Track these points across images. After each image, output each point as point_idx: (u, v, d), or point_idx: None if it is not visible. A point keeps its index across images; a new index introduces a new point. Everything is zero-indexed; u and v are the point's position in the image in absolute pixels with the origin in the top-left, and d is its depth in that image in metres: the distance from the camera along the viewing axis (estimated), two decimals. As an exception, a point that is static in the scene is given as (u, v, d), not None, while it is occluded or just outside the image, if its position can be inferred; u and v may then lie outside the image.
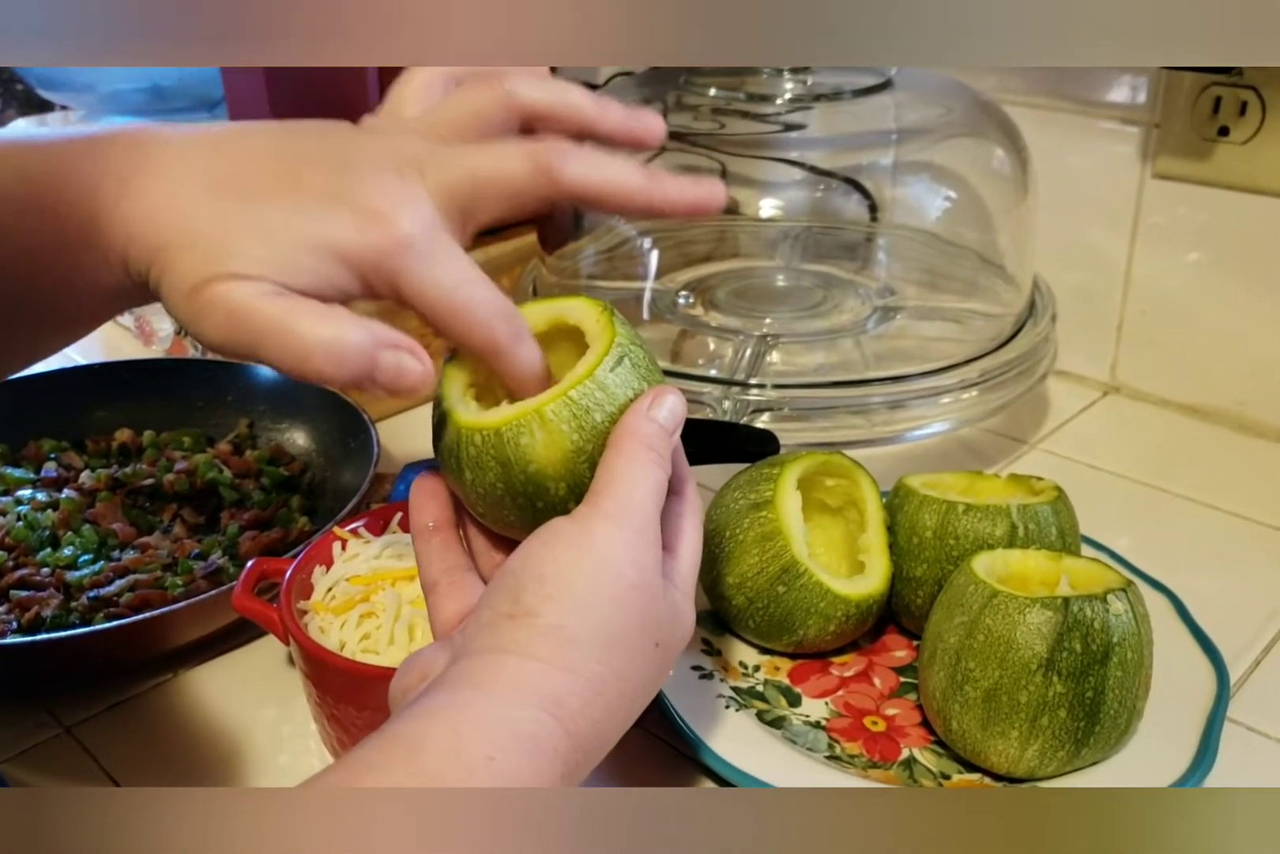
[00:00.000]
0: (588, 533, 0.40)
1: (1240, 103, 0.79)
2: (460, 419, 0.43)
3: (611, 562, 0.39)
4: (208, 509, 0.75)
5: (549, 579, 0.39)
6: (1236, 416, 0.87)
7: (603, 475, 0.41)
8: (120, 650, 0.62)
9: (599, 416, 0.42)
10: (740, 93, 0.83)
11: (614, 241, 0.90)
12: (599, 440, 0.42)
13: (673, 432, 0.43)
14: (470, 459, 0.43)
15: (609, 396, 0.42)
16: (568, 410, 0.41)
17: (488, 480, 0.43)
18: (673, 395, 0.43)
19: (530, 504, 0.43)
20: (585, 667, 0.38)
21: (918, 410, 0.75)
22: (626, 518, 0.40)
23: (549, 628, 0.38)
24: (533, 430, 0.41)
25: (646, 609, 0.40)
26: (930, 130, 0.88)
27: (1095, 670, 0.51)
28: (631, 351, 0.43)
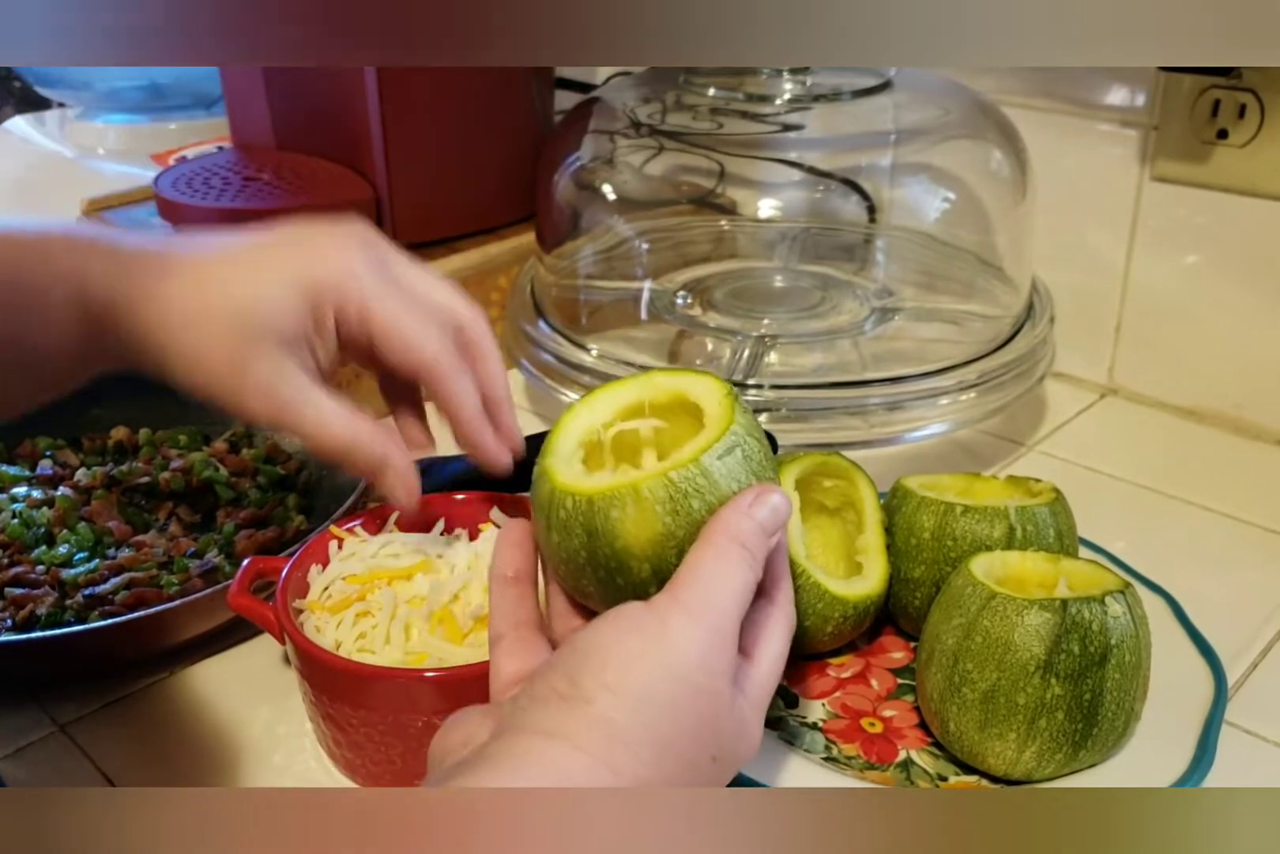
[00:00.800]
0: (662, 624, 0.38)
1: (1239, 105, 0.79)
2: (557, 479, 0.42)
3: (680, 659, 0.37)
4: (203, 507, 0.75)
5: (611, 665, 0.37)
6: (1234, 419, 0.87)
7: (688, 567, 0.39)
8: (115, 649, 0.62)
9: (696, 503, 0.41)
10: (739, 93, 0.83)
11: (612, 241, 0.90)
12: (692, 528, 0.40)
13: (772, 533, 0.41)
14: (559, 522, 0.42)
15: (711, 485, 0.41)
16: (665, 491, 0.40)
17: (573, 546, 0.42)
18: (777, 495, 0.41)
19: (611, 579, 0.42)
20: (631, 769, 0.36)
21: (915, 412, 0.75)
22: (704, 615, 0.38)
23: (600, 720, 0.36)
24: (625, 505, 0.40)
25: (709, 717, 0.38)
26: (929, 131, 0.88)
27: (1093, 672, 0.51)
28: (746, 443, 0.42)
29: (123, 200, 1.04)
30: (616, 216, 0.90)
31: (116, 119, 1.25)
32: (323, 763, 0.58)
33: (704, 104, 0.85)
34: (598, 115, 0.89)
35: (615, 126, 0.89)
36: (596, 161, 0.89)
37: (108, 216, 1.02)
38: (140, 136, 1.21)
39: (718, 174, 0.92)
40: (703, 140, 0.89)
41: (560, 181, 0.88)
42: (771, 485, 0.42)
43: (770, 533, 0.41)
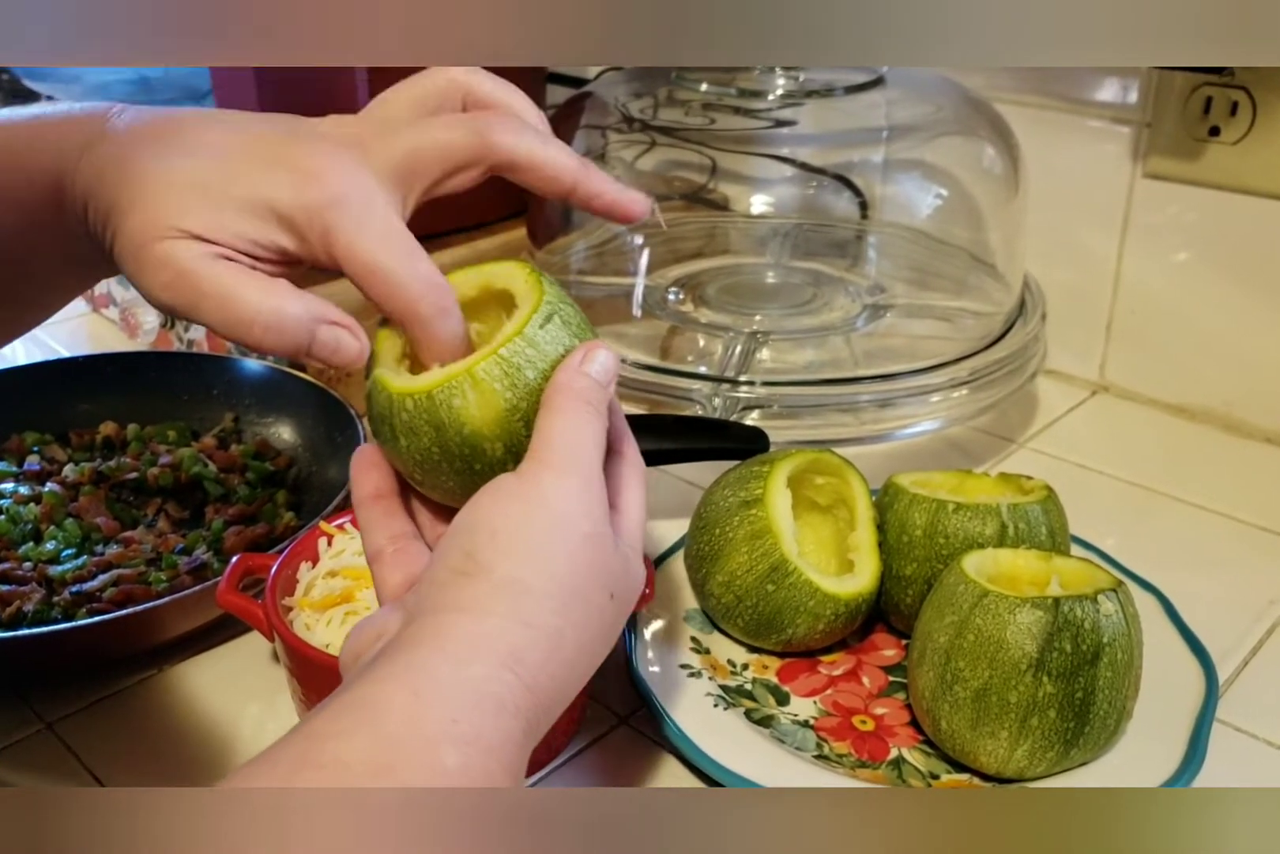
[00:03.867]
0: (536, 485, 0.39)
1: (1231, 103, 0.79)
2: (391, 385, 0.42)
3: (563, 512, 0.39)
4: (192, 504, 0.75)
5: (500, 533, 0.39)
6: (1224, 417, 0.87)
7: (541, 432, 0.41)
8: (103, 646, 0.62)
9: (531, 373, 0.42)
10: (731, 88, 0.83)
11: (604, 237, 0.89)
12: (533, 398, 0.42)
13: (606, 385, 0.42)
14: (404, 425, 0.42)
15: (540, 354, 0.42)
16: (499, 368, 0.41)
17: (423, 445, 0.42)
18: (603, 350, 0.43)
19: (468, 467, 0.42)
20: (543, 619, 0.38)
21: (907, 409, 0.75)
22: (573, 468, 0.40)
23: (504, 582, 0.38)
24: (464, 391, 0.41)
25: (600, 559, 0.40)
26: (921, 128, 0.88)
27: (1085, 671, 0.51)
28: (561, 309, 0.43)
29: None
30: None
31: (104, 111, 1.24)
32: (312, 761, 0.57)
33: (696, 99, 0.85)
34: (590, 110, 0.89)
35: (607, 121, 0.89)
36: (588, 156, 0.88)
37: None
38: (129, 130, 1.21)
39: (710, 170, 0.92)
40: (695, 136, 0.88)
41: (552, 177, 0.87)
42: (595, 342, 0.43)
43: (605, 384, 0.42)
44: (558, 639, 0.38)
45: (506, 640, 0.37)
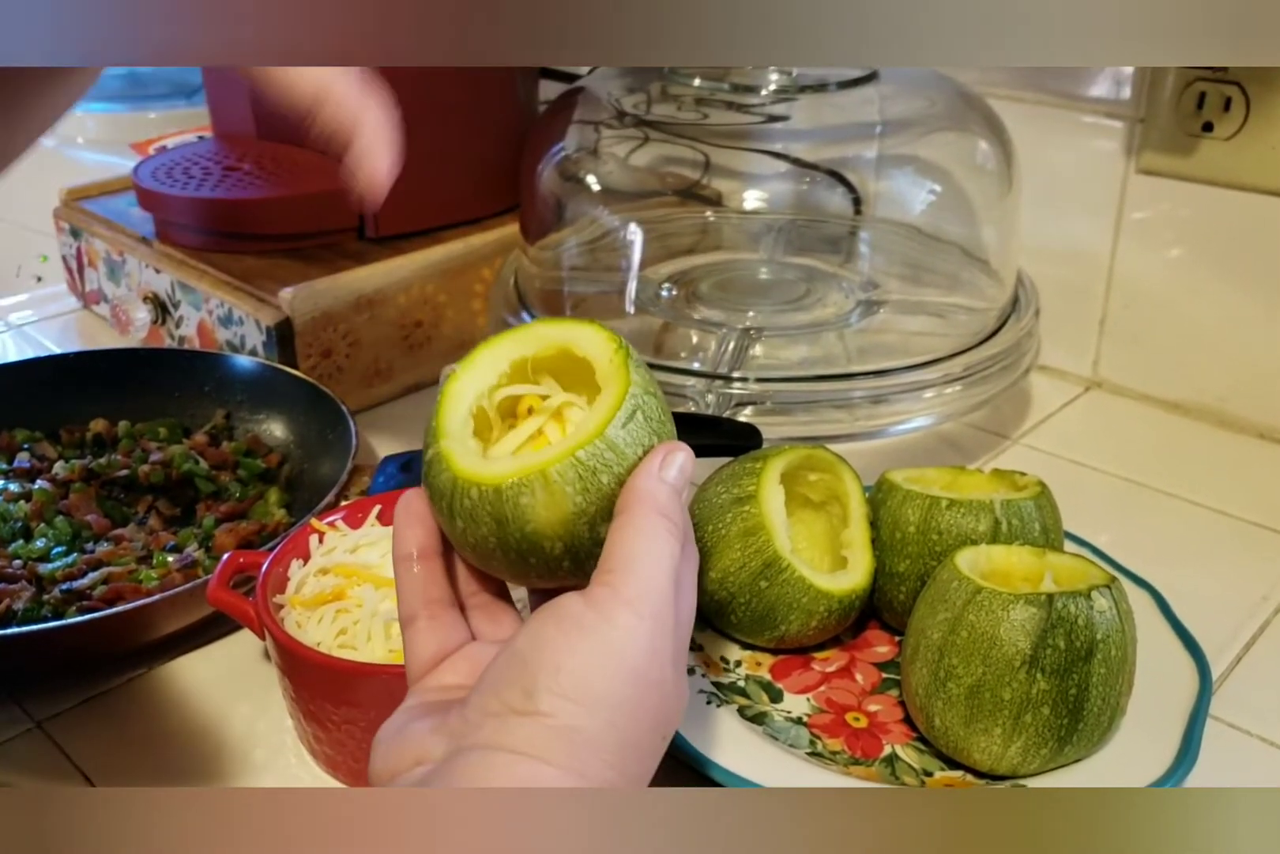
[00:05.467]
0: (608, 622, 0.37)
1: (1225, 98, 0.78)
2: (457, 466, 0.40)
3: (632, 658, 0.37)
4: (183, 501, 0.75)
5: (564, 672, 0.37)
6: (1217, 413, 0.87)
7: (617, 548, 0.38)
8: (93, 644, 0.61)
9: (605, 478, 0.39)
10: (724, 83, 0.83)
11: (597, 233, 0.89)
12: (603, 502, 0.39)
13: (682, 491, 0.40)
14: (464, 510, 0.41)
15: (619, 457, 0.39)
16: (574, 472, 0.39)
17: (480, 534, 0.41)
18: (683, 453, 0.40)
19: (522, 560, 0.41)
20: (599, 773, 0.36)
21: (900, 405, 0.75)
22: (646, 605, 0.38)
23: (564, 730, 0.36)
24: (534, 491, 0.39)
25: (661, 706, 0.38)
26: (915, 123, 0.88)
27: (1079, 667, 0.51)
28: (645, 403, 0.40)
29: (102, 190, 1.03)
30: (601, 208, 0.90)
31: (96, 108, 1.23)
32: (303, 760, 0.57)
33: (689, 94, 0.85)
34: (582, 105, 0.89)
35: (600, 117, 0.89)
36: (581, 152, 0.88)
37: (87, 206, 1.01)
38: (120, 126, 1.21)
39: (703, 165, 0.92)
40: (688, 131, 0.88)
41: (544, 172, 0.87)
42: (674, 444, 0.41)
43: (681, 491, 0.40)
44: None
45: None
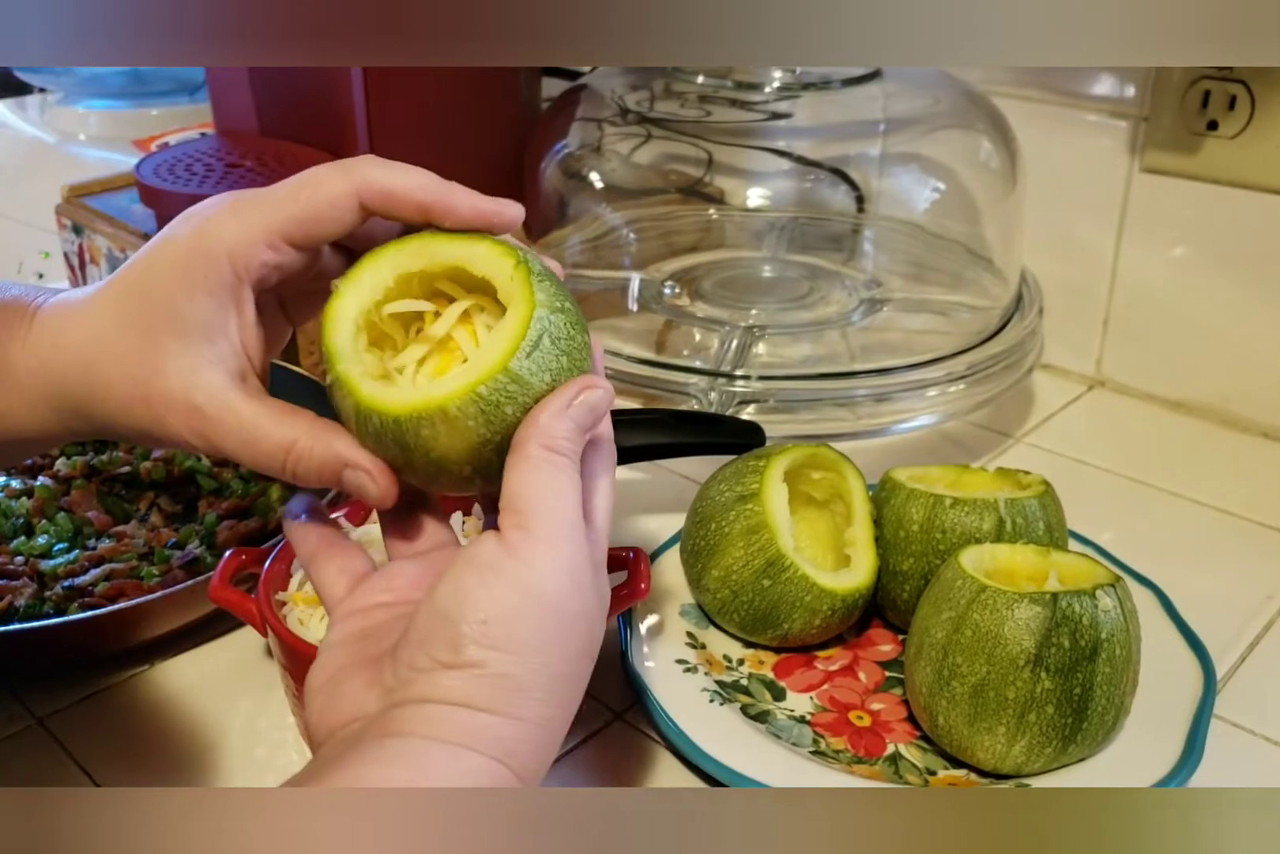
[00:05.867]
0: (526, 565, 0.37)
1: (1229, 97, 0.78)
2: (358, 393, 0.39)
3: (554, 597, 0.37)
4: (185, 498, 0.74)
5: (490, 625, 0.37)
6: (1221, 412, 0.87)
7: (519, 488, 0.38)
8: (95, 641, 0.61)
9: (510, 409, 0.38)
10: (728, 80, 0.83)
11: (600, 231, 0.89)
12: (509, 431, 0.39)
13: (588, 428, 0.40)
14: (369, 434, 0.40)
15: (523, 388, 0.38)
16: (475, 407, 0.38)
17: (388, 455, 0.40)
18: (598, 390, 0.39)
19: (433, 478, 0.41)
20: (534, 711, 0.37)
21: (903, 403, 0.74)
22: (562, 538, 0.38)
23: (495, 678, 0.37)
24: (435, 424, 0.38)
25: (586, 631, 0.39)
26: (918, 121, 0.88)
27: (1083, 666, 0.51)
28: (551, 324, 0.38)
29: (104, 187, 1.03)
30: (604, 205, 0.90)
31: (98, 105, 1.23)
32: (305, 756, 0.57)
33: (692, 91, 0.85)
34: (585, 102, 0.89)
35: (603, 114, 0.89)
36: (584, 149, 0.88)
37: (89, 202, 1.01)
38: (122, 122, 1.20)
39: (706, 162, 0.92)
40: (691, 128, 0.88)
41: (547, 169, 0.87)
42: (588, 379, 0.39)
43: (586, 429, 0.40)
44: (546, 726, 0.38)
45: (499, 735, 0.37)
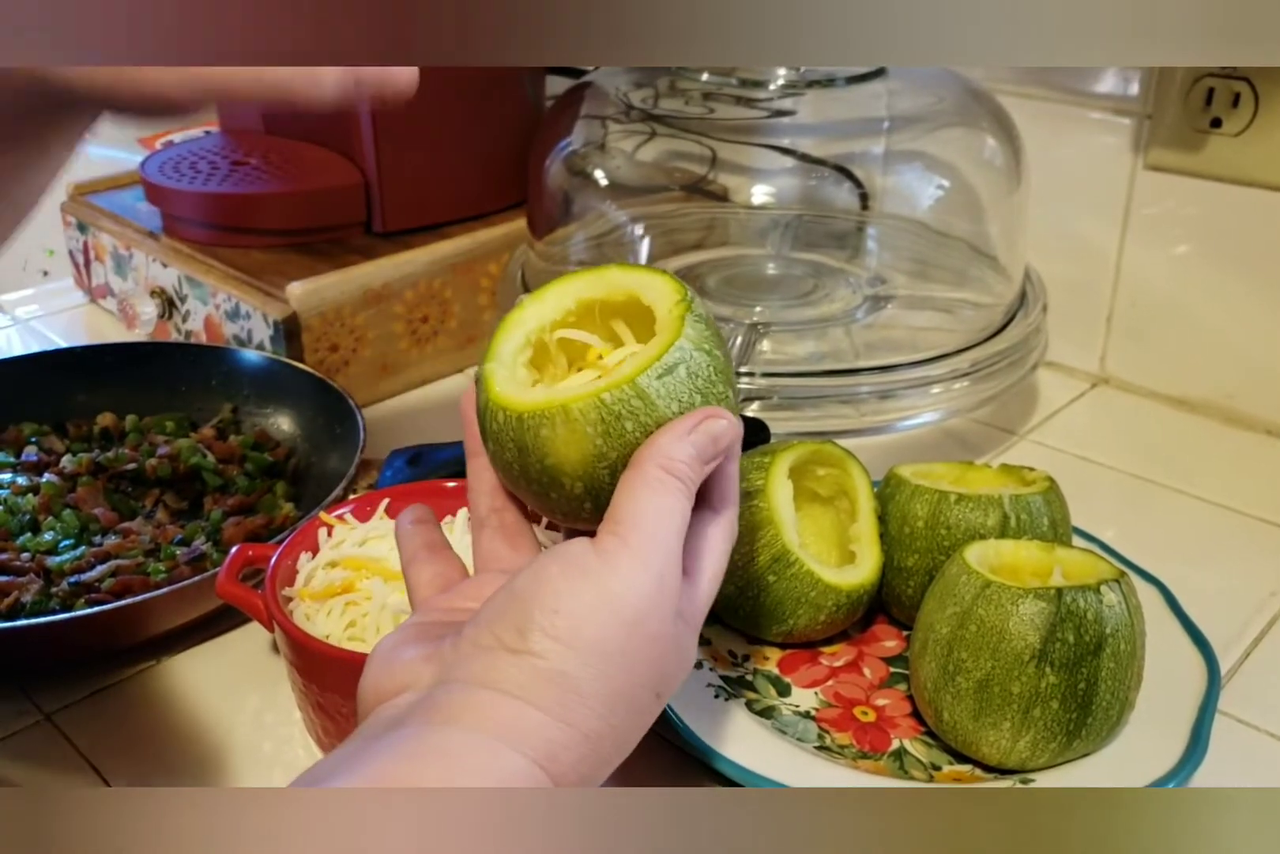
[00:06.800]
0: (611, 569, 0.37)
1: (1233, 94, 0.78)
2: (492, 389, 0.41)
3: (632, 608, 0.37)
4: (190, 494, 0.75)
5: (560, 616, 0.36)
6: (1224, 409, 0.87)
7: (627, 501, 0.38)
8: (102, 637, 0.61)
9: (630, 425, 0.38)
10: (732, 78, 0.83)
11: (604, 228, 0.89)
12: (626, 450, 0.39)
13: (709, 460, 0.39)
14: (492, 433, 0.41)
15: (647, 406, 0.39)
16: (596, 413, 0.38)
17: (505, 458, 0.41)
18: (723, 421, 0.39)
19: (545, 493, 0.41)
20: (585, 722, 0.36)
21: (908, 400, 0.74)
22: (654, 558, 0.37)
23: (552, 674, 0.36)
24: (554, 424, 0.39)
25: (657, 661, 0.38)
26: (923, 119, 0.88)
27: (1088, 662, 0.51)
28: (692, 359, 0.39)
29: (109, 185, 1.03)
30: (608, 202, 0.90)
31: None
32: (311, 752, 0.57)
33: (696, 89, 0.85)
34: (589, 100, 0.89)
35: (607, 111, 0.89)
36: (588, 147, 0.88)
37: (94, 200, 1.01)
38: (126, 120, 1.20)
39: (710, 160, 0.92)
40: (695, 125, 0.88)
41: (551, 167, 0.87)
42: (715, 410, 0.40)
43: (707, 460, 0.39)
44: (595, 742, 0.36)
45: (544, 737, 0.35)
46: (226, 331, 0.87)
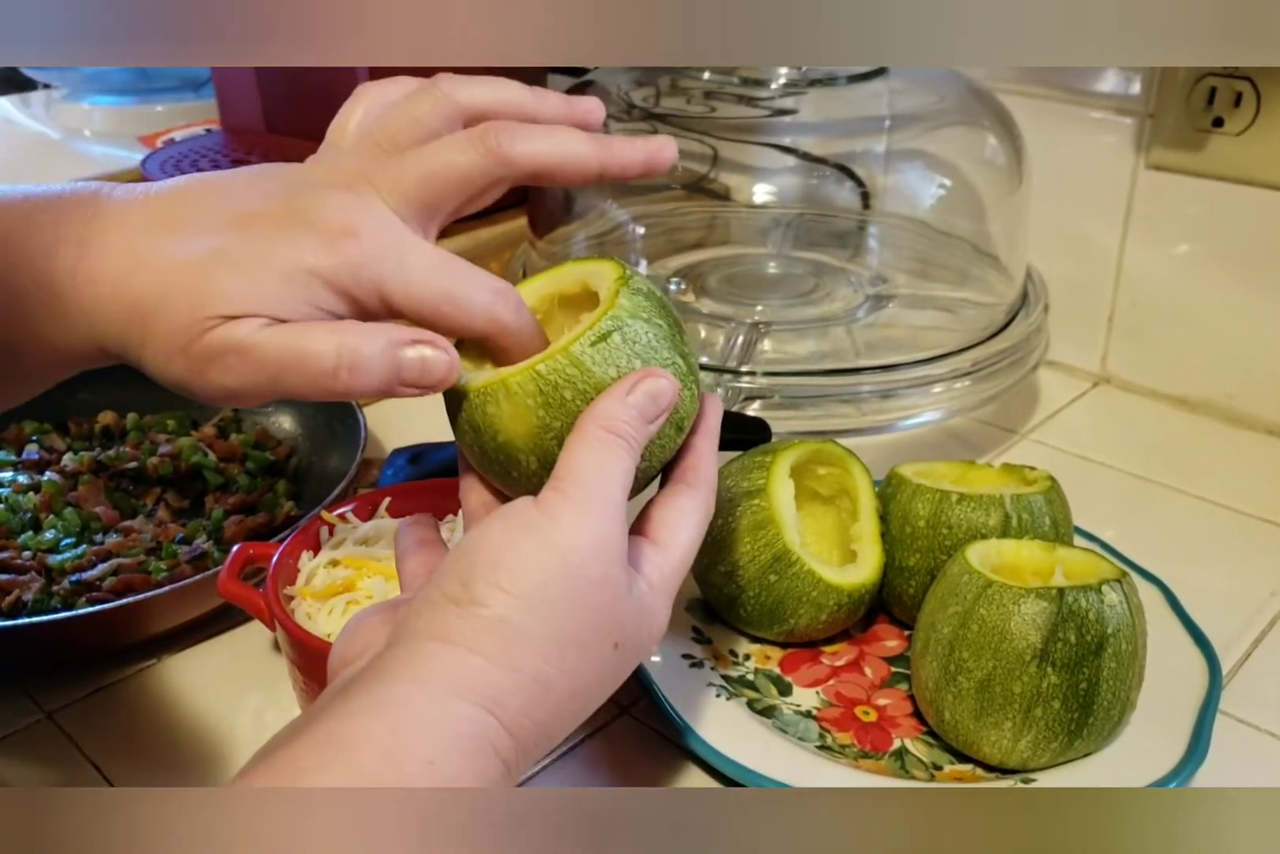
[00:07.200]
0: (552, 519, 0.37)
1: (1235, 94, 0.78)
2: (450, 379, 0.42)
3: (572, 553, 0.37)
4: (192, 493, 0.75)
5: (502, 567, 0.37)
6: (1225, 409, 0.87)
7: (567, 459, 0.39)
8: (103, 635, 0.61)
9: (569, 394, 0.40)
10: (734, 77, 0.83)
11: (605, 227, 0.89)
12: (570, 419, 0.40)
13: (651, 418, 0.40)
14: (453, 417, 0.42)
15: (583, 374, 0.40)
16: (533, 384, 0.40)
17: (467, 441, 0.42)
18: (661, 380, 0.40)
19: (506, 472, 0.42)
20: (531, 665, 0.36)
21: (909, 399, 0.74)
22: (593, 505, 0.38)
23: (495, 621, 0.36)
24: (498, 400, 0.40)
25: (606, 607, 0.38)
26: (924, 118, 0.88)
27: (1089, 661, 0.51)
28: (627, 326, 0.40)
29: (109, 183, 1.03)
30: (609, 201, 0.90)
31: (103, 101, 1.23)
32: (313, 751, 0.57)
33: (698, 88, 0.85)
34: (591, 99, 0.89)
35: (608, 110, 0.88)
36: (590, 145, 0.88)
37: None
38: (127, 118, 1.20)
39: (711, 159, 0.92)
40: (696, 124, 0.88)
41: (553, 166, 0.87)
42: (653, 370, 0.40)
43: (649, 418, 0.40)
44: (545, 685, 0.36)
45: (489, 682, 0.36)
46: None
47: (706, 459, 0.44)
